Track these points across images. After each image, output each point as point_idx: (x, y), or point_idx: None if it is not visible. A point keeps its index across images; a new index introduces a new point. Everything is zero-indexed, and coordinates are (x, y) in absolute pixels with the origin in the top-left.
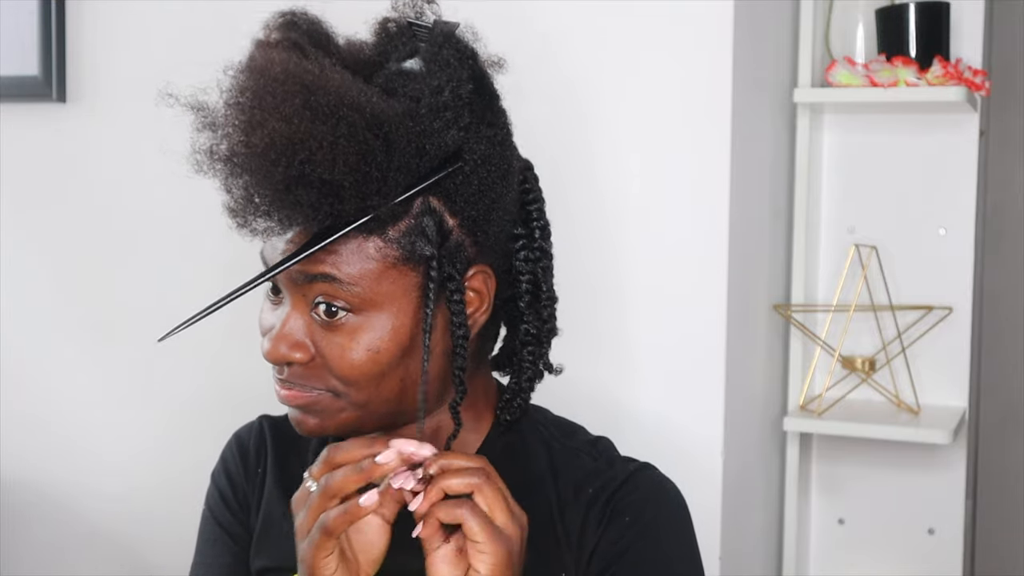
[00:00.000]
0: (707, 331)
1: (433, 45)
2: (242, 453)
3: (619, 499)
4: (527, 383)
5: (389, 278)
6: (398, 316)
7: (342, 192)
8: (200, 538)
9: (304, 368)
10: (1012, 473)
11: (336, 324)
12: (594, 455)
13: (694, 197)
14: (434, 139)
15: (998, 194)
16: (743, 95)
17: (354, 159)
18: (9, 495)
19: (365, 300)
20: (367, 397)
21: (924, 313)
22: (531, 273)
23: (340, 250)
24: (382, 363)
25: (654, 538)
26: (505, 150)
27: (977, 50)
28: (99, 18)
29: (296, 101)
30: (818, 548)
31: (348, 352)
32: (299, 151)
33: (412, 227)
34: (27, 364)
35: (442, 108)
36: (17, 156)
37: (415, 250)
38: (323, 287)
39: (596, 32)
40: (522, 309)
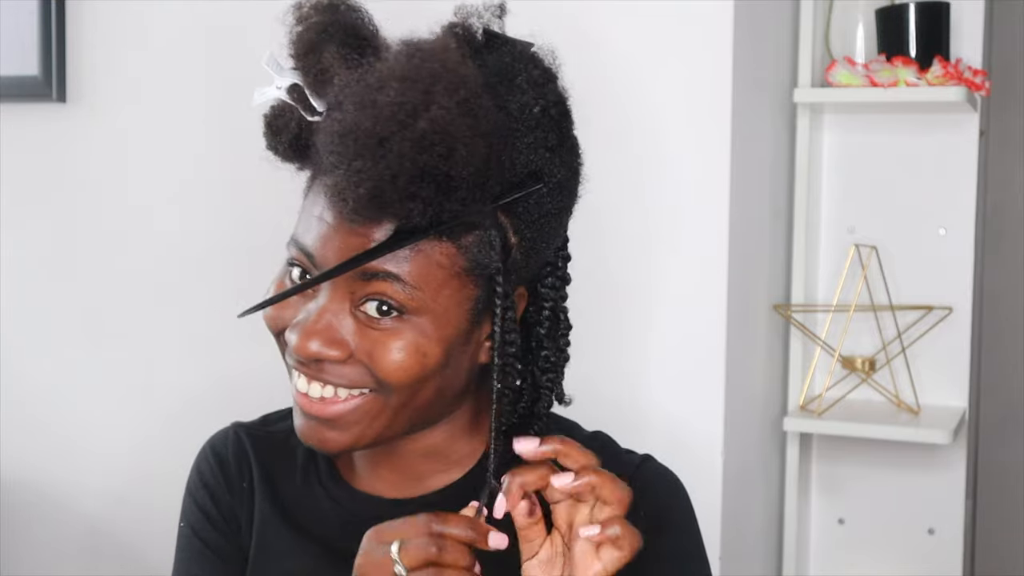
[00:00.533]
0: (707, 331)
1: (518, 61)
2: (221, 465)
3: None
4: (543, 409)
5: (450, 287)
6: (446, 326)
7: (457, 192)
8: (183, 558)
9: (339, 365)
10: (1012, 473)
11: (380, 324)
12: (597, 451)
13: (694, 197)
14: (524, 155)
15: (998, 194)
16: (743, 95)
17: (480, 160)
18: (9, 495)
19: (421, 305)
20: (403, 402)
21: (924, 313)
22: (554, 300)
23: (409, 250)
24: (428, 367)
25: (668, 532)
26: (577, 179)
27: (977, 50)
28: (99, 18)
29: (459, 93)
30: (818, 548)
31: (395, 353)
32: (445, 142)
33: (481, 239)
34: (27, 364)
35: (535, 126)
36: (17, 156)
37: (479, 261)
38: (382, 286)
39: (596, 32)
40: (541, 335)
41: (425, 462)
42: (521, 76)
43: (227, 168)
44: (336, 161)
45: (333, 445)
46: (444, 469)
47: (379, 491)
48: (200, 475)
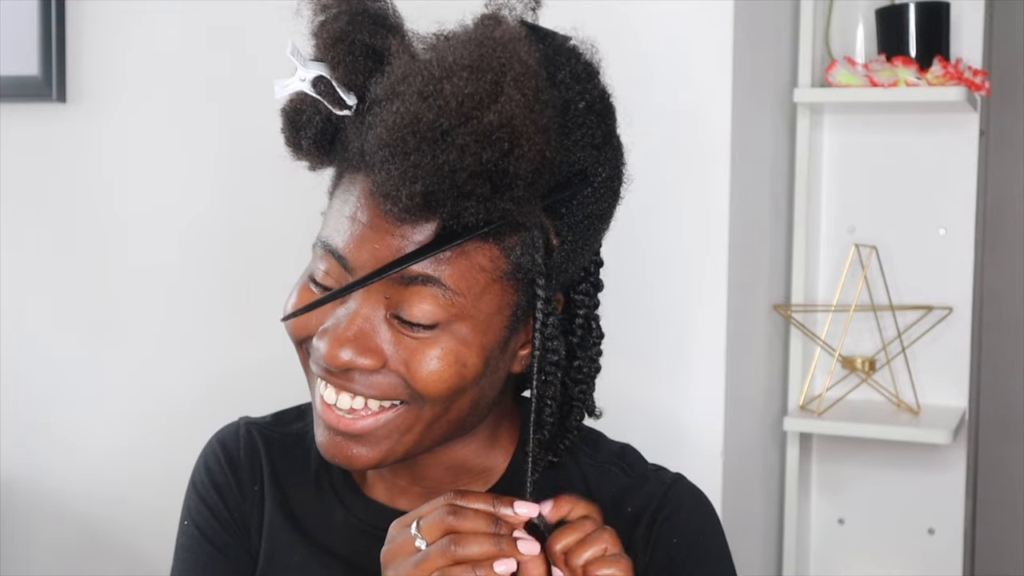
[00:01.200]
0: (707, 331)
1: (559, 54)
2: (231, 465)
3: (664, 519)
4: (575, 423)
5: (492, 292)
6: (487, 333)
7: (511, 191)
8: (186, 558)
9: (370, 374)
10: (1012, 473)
11: (416, 331)
12: (625, 468)
13: (694, 197)
14: (570, 153)
15: (998, 194)
16: (743, 95)
17: (539, 158)
18: (9, 495)
19: (462, 312)
20: (438, 414)
21: (924, 313)
22: (588, 308)
23: (451, 252)
24: (467, 379)
25: (702, 556)
26: (621, 179)
27: (977, 50)
28: (99, 18)
29: (529, 85)
30: (818, 548)
31: (433, 362)
32: (508, 138)
33: (524, 240)
34: (27, 364)
35: (580, 123)
36: (17, 156)
37: (522, 264)
38: (420, 291)
39: (596, 32)
40: (574, 344)
41: (446, 475)
42: (564, 71)
43: (227, 167)
44: (389, 155)
45: (360, 462)
46: (465, 484)
47: (397, 503)
48: (208, 472)
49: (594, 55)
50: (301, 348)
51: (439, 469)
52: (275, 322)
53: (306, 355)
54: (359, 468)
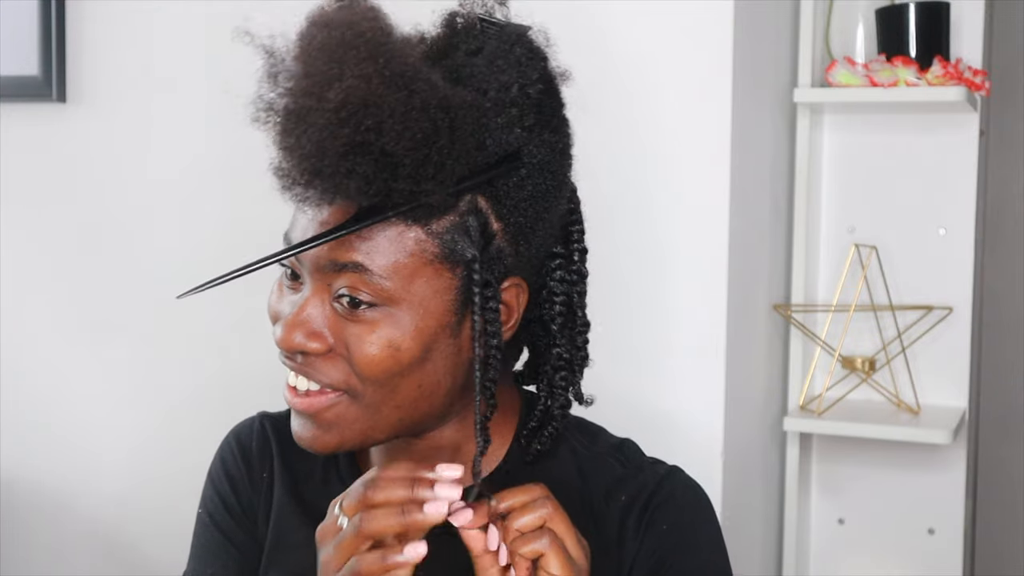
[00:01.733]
0: (707, 331)
1: (504, 42)
2: (244, 455)
3: (655, 507)
4: (559, 411)
5: (423, 276)
6: (424, 317)
7: (400, 169)
8: (198, 544)
9: (321, 358)
10: (1012, 473)
11: (358, 315)
12: (622, 460)
13: (694, 197)
14: (496, 134)
15: (998, 194)
16: (743, 95)
17: (420, 136)
18: (9, 495)
19: (393, 295)
20: (381, 399)
21: (924, 313)
22: (566, 295)
23: (376, 239)
24: (402, 362)
25: (692, 545)
26: (564, 160)
27: (977, 50)
28: (99, 18)
29: (378, 62)
30: (818, 548)
31: (367, 345)
32: (370, 115)
33: (456, 224)
34: (27, 364)
35: (508, 104)
36: (17, 156)
37: (456, 249)
38: (351, 277)
39: (596, 33)
40: (554, 332)
41: (440, 458)
42: (504, 57)
43: (227, 167)
44: (273, 142)
45: (321, 445)
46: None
47: None
48: (223, 463)
49: (544, 41)
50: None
51: (431, 452)
52: None
53: None
54: (322, 451)
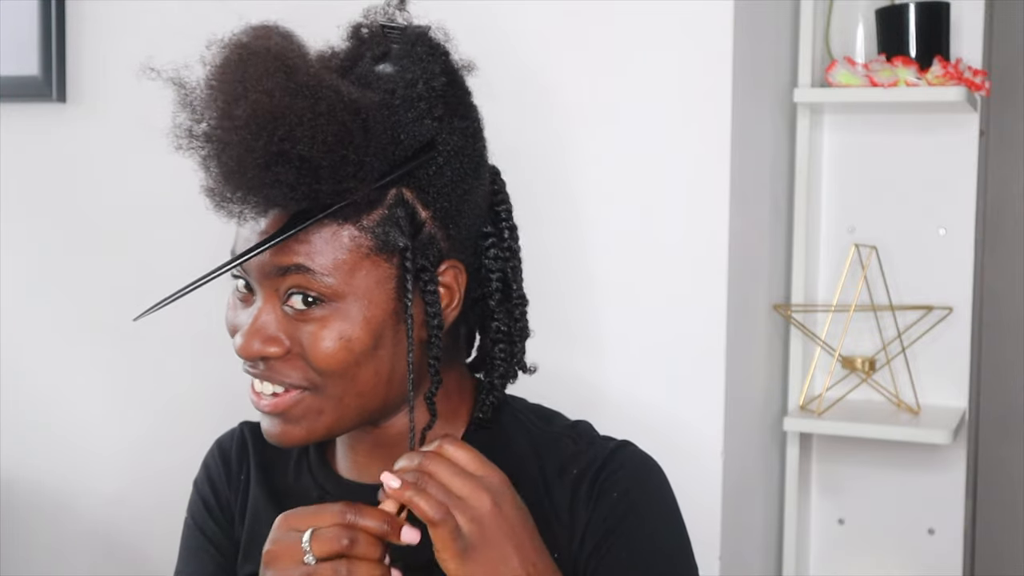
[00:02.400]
0: (707, 331)
1: (407, 43)
2: (224, 460)
3: (605, 477)
4: (499, 380)
5: (363, 269)
6: (370, 307)
7: (320, 172)
8: (183, 547)
9: (280, 362)
10: (1012, 473)
11: (308, 314)
12: (574, 437)
13: (694, 197)
14: (409, 128)
15: (998, 194)
16: (743, 95)
17: (333, 139)
18: (9, 495)
19: (338, 291)
20: (342, 390)
21: (924, 313)
22: (501, 271)
23: (313, 240)
24: (355, 352)
25: (642, 513)
26: (477, 143)
27: (977, 50)
28: (99, 18)
29: (278, 77)
30: (818, 548)
31: (321, 341)
32: (280, 126)
33: (386, 217)
34: (27, 364)
35: (416, 99)
36: (17, 156)
37: (388, 240)
38: (296, 279)
39: (596, 33)
40: (492, 307)
41: (401, 445)
42: (407, 57)
43: None
44: (199, 166)
45: (290, 439)
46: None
47: (362, 478)
48: (206, 470)
49: (444, 37)
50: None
51: (391, 440)
52: None
53: None
54: (291, 444)
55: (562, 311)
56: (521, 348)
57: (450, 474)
